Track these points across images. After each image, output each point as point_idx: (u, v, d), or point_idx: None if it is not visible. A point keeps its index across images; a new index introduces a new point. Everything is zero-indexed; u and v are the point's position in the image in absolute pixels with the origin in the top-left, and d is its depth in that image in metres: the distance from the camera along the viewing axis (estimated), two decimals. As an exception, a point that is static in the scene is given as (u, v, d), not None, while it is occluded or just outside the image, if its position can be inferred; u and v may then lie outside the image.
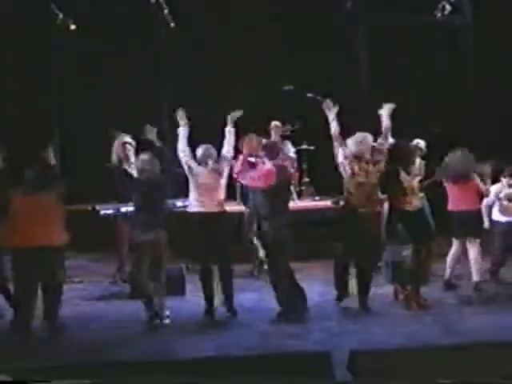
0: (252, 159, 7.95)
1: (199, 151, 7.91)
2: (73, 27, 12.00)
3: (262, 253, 8.91)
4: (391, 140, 8.68)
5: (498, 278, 8.66)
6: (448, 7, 12.26)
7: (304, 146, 11.12)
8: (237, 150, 8.01)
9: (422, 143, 9.18)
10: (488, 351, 6.00)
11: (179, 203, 9.08)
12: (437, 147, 9.16)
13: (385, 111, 7.92)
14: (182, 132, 7.92)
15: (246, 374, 5.62)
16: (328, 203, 10.14)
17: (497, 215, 8.64)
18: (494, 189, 8.60)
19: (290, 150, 10.45)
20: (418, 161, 8.75)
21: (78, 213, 9.44)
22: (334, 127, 7.91)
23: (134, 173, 8.13)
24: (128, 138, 9.38)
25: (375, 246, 7.92)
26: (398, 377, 5.38)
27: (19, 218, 7.25)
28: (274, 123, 10.42)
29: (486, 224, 8.63)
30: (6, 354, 6.59)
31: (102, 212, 8.94)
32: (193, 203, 7.88)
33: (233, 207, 9.83)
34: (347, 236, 7.86)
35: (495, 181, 8.65)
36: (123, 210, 8.66)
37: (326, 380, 5.40)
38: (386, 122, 7.89)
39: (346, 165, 7.78)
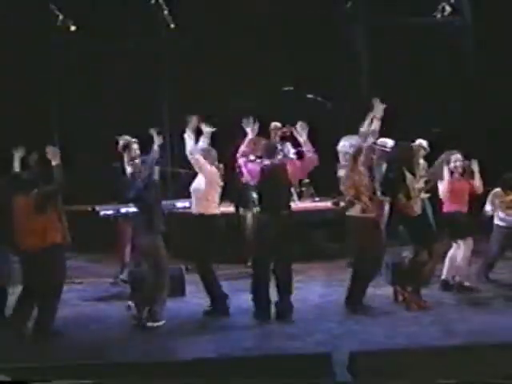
0: (252, 157, 7.99)
1: (212, 153, 7.95)
2: (73, 28, 12.00)
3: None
4: (390, 143, 8.71)
5: (488, 278, 8.80)
6: (448, 8, 12.26)
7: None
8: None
9: (424, 143, 9.18)
10: (488, 352, 6.01)
11: (179, 204, 9.10)
12: (437, 147, 9.15)
13: (377, 113, 7.78)
14: (188, 140, 7.94)
15: (246, 375, 5.63)
16: (328, 204, 10.14)
17: (497, 220, 8.85)
18: (494, 195, 8.80)
19: (290, 151, 10.45)
20: (421, 161, 8.76)
21: (78, 213, 9.46)
22: (376, 126, 7.72)
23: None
24: (131, 138, 9.37)
25: (369, 248, 7.83)
26: (398, 377, 5.39)
27: (16, 218, 7.26)
28: (274, 124, 10.42)
29: (488, 208, 8.80)
30: (5, 354, 6.59)
31: (102, 213, 8.94)
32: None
33: (230, 208, 9.87)
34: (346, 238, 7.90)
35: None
36: (123, 210, 8.66)
37: (327, 380, 5.41)
38: (375, 125, 7.69)
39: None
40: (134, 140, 9.24)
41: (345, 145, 8.88)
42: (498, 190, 8.80)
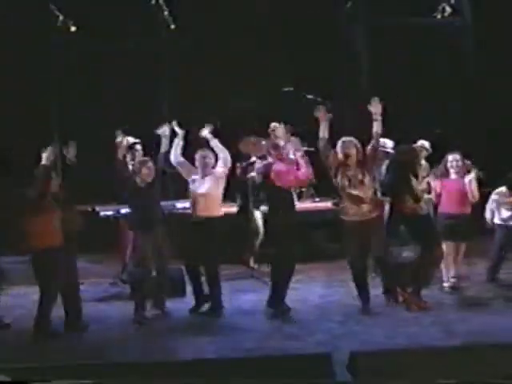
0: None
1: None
2: (73, 28, 12.00)
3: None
4: (389, 144, 8.69)
5: (496, 278, 8.77)
6: (448, 9, 12.27)
7: (304, 148, 11.09)
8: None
9: (426, 144, 9.17)
10: (488, 352, 6.00)
11: (179, 204, 9.08)
12: (437, 148, 9.15)
13: (376, 110, 7.67)
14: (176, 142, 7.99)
15: (246, 376, 5.62)
16: (328, 204, 10.14)
17: (498, 219, 8.84)
18: (495, 195, 8.79)
19: (290, 152, 10.42)
20: (423, 162, 8.76)
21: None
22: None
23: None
24: (133, 139, 9.37)
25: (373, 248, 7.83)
26: (398, 377, 5.38)
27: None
28: (274, 124, 10.39)
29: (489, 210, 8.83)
30: (6, 354, 6.59)
31: (102, 213, 8.94)
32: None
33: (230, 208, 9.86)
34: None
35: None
36: (123, 211, 8.66)
37: (327, 381, 5.41)
38: (377, 127, 7.62)
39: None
40: (137, 141, 9.25)
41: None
42: (502, 188, 8.77)
